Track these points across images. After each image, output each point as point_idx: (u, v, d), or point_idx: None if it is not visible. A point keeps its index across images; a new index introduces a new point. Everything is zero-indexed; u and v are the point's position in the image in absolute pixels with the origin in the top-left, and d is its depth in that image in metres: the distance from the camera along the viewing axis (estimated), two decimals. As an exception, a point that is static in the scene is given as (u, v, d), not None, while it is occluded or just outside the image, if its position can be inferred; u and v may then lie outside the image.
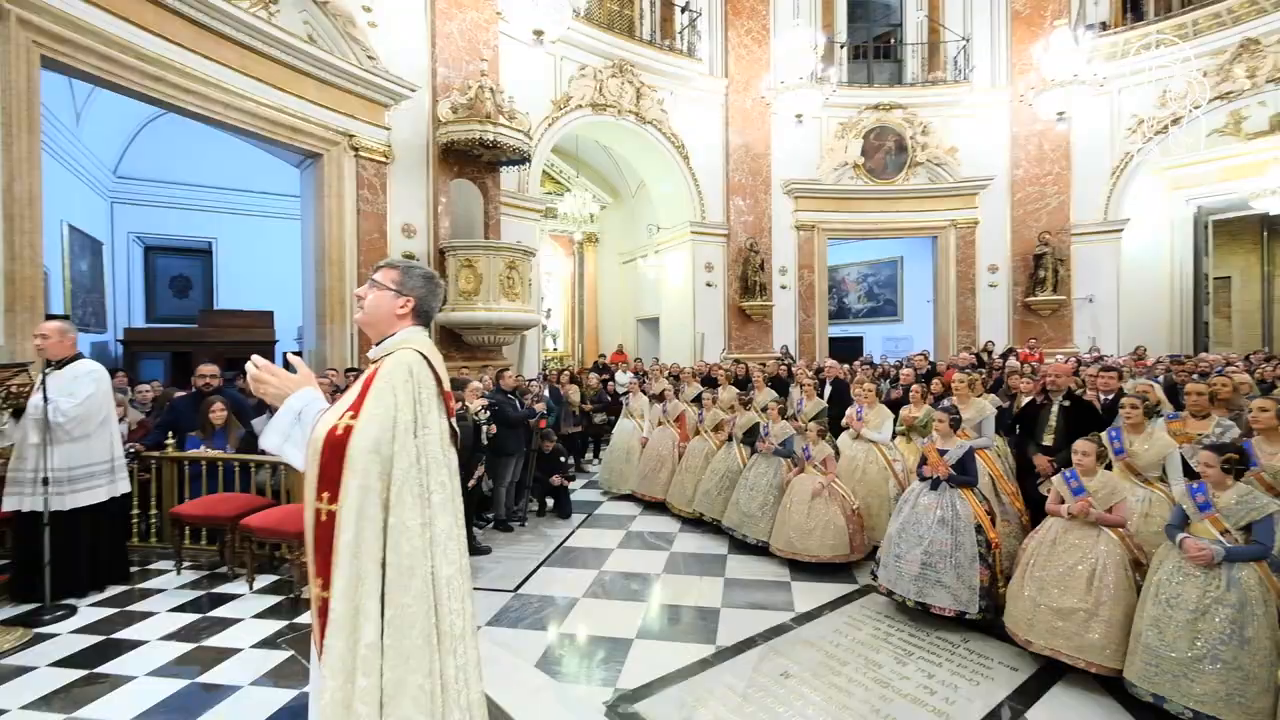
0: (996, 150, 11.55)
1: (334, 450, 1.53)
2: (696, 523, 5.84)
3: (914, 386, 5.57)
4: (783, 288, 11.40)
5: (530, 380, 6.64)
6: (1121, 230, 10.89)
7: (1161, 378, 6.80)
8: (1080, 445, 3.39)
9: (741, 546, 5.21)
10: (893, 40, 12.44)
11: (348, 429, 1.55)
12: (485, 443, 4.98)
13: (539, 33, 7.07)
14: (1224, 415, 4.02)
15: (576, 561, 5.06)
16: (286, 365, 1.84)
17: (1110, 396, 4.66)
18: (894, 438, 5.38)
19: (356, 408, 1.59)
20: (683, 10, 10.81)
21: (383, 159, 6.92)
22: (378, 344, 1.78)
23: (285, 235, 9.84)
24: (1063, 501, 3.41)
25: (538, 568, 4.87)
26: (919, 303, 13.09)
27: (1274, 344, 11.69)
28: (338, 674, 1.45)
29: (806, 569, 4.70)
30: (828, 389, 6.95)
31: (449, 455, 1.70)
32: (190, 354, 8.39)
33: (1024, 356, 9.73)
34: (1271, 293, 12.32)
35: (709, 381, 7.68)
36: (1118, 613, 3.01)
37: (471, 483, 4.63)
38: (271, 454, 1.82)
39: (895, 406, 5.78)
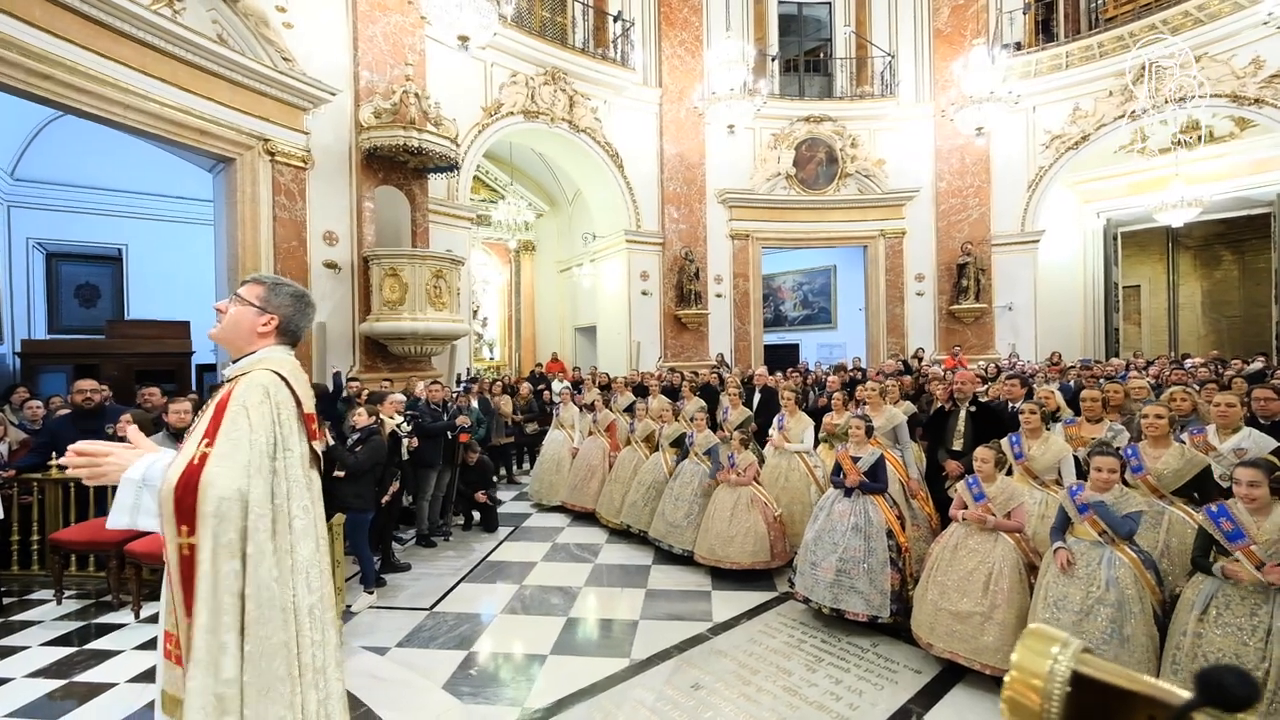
0: (922, 163, 12.09)
1: (189, 482, 1.45)
2: (625, 533, 5.82)
3: (835, 395, 5.72)
4: (718, 296, 11.57)
5: (455, 392, 6.48)
6: (1038, 241, 11.56)
7: (1072, 383, 7.20)
8: (980, 453, 3.52)
9: (667, 557, 5.22)
10: (823, 54, 12.88)
11: (203, 457, 1.47)
12: (406, 455, 4.83)
13: (464, 39, 6.96)
14: (1116, 420, 4.27)
15: (499, 576, 4.96)
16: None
17: (1018, 403, 4.90)
18: (817, 445, 5.50)
19: (211, 434, 1.51)
20: (615, 19, 10.88)
21: (301, 164, 6.65)
22: (234, 362, 1.69)
23: (203, 242, 9.32)
24: (965, 508, 3.56)
25: (457, 584, 4.75)
26: (852, 310, 13.54)
27: (1179, 348, 12.60)
28: (197, 713, 1.38)
29: (728, 577, 4.75)
30: (757, 396, 7.07)
31: (312, 479, 1.64)
32: (97, 367, 7.83)
33: (948, 363, 10.20)
34: (1177, 300, 13.31)
35: (641, 391, 7.70)
36: (1011, 615, 3.12)
37: (386, 497, 4.47)
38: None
39: (824, 413, 5.91)
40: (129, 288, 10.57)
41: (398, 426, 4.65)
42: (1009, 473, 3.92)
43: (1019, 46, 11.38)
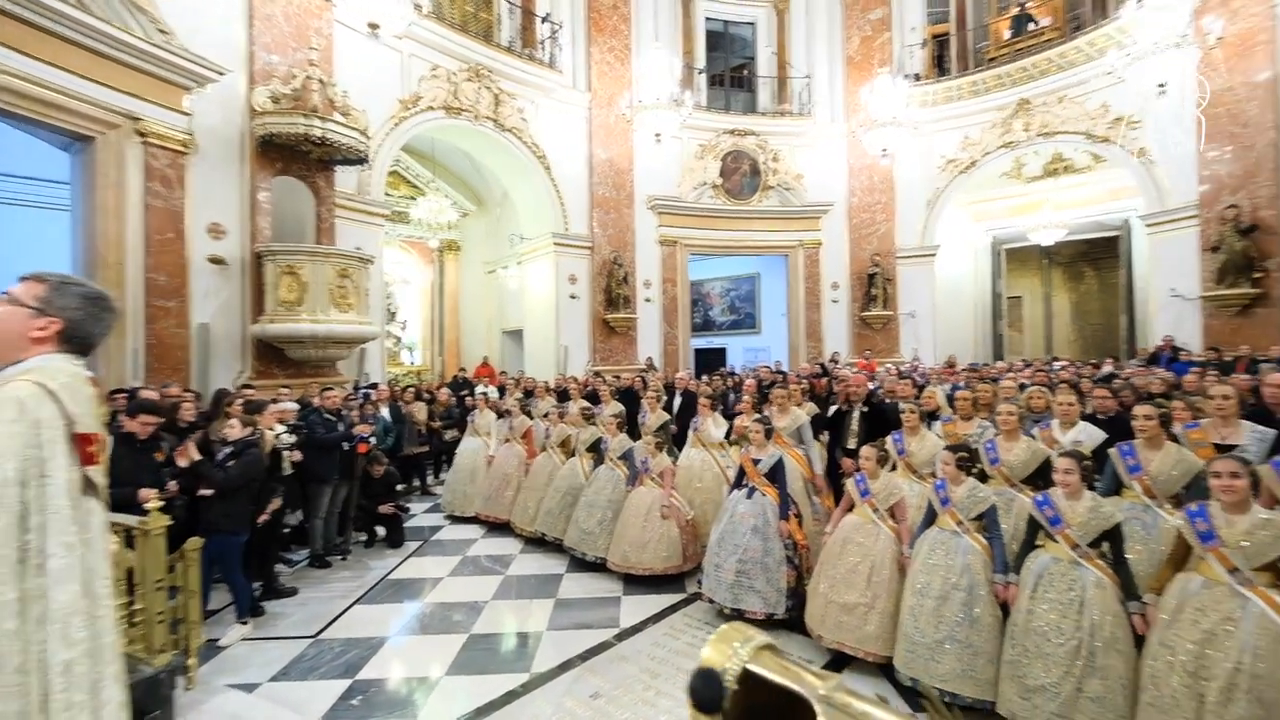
0: (836, 179, 12.73)
1: None
2: (540, 542, 5.67)
3: (745, 398, 5.84)
4: (647, 301, 11.63)
5: (355, 399, 6.08)
6: (935, 254, 12.45)
7: (963, 383, 7.74)
8: (864, 451, 3.69)
9: (580, 565, 5.12)
10: (747, 72, 13.31)
11: None
12: (290, 470, 4.44)
13: (374, 26, 6.63)
14: (985, 417, 4.59)
15: (400, 595, 4.68)
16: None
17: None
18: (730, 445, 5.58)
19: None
20: (544, 20, 10.75)
21: (180, 148, 6.03)
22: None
23: (57, 230, 8.29)
24: (852, 505, 3.70)
25: (350, 607, 4.42)
26: (775, 316, 14.01)
27: (1054, 352, 13.88)
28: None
29: (640, 582, 4.71)
30: (678, 400, 7.11)
31: (89, 510, 1.41)
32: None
33: (860, 365, 10.75)
34: (1051, 309, 14.69)
35: (563, 396, 7.56)
36: (890, 605, 3.29)
37: (264, 516, 4.09)
38: None
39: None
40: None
41: (278, 438, 4.26)
42: (894, 468, 4.13)
43: (918, 78, 12.23)
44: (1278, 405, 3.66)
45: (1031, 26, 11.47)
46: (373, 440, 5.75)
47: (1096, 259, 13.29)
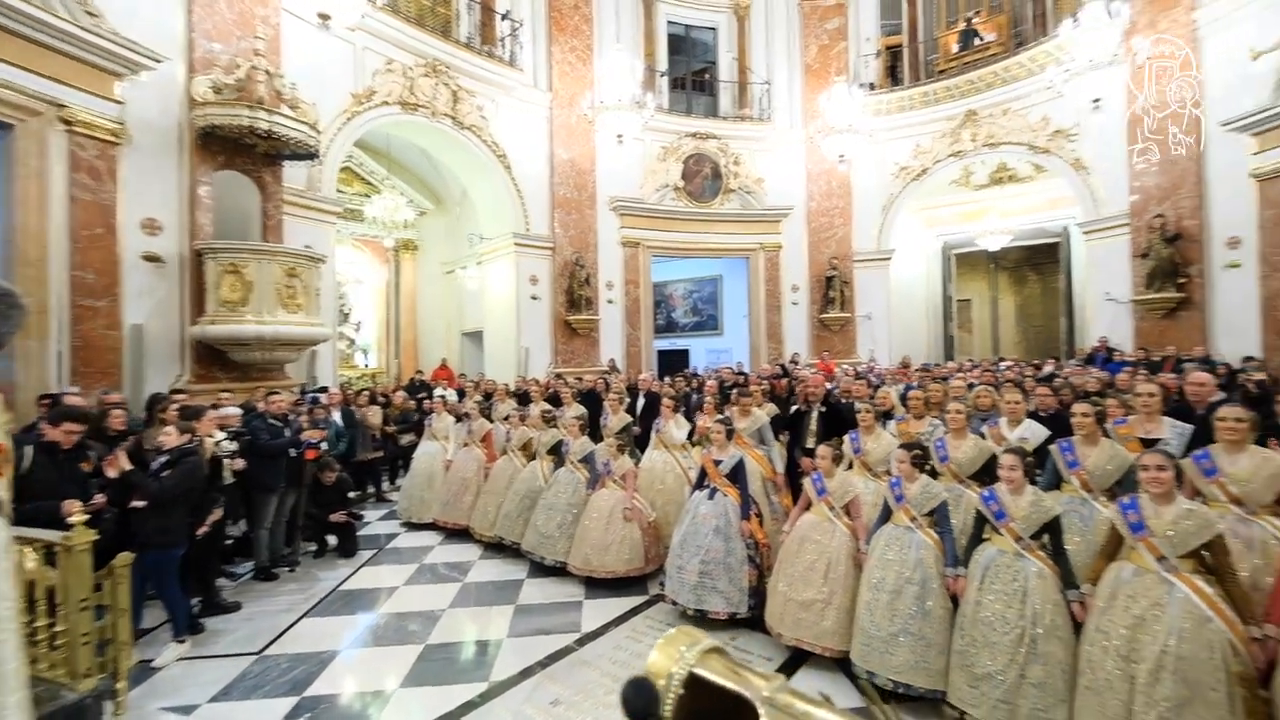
0: (795, 183, 12.98)
1: None
2: (499, 547, 5.57)
3: (708, 399, 5.88)
4: (609, 302, 11.59)
5: (304, 404, 5.83)
6: (890, 258, 12.84)
7: (917, 384, 7.99)
8: (820, 450, 3.76)
9: (541, 570, 5.05)
10: (709, 76, 13.44)
11: None
12: (231, 479, 4.22)
13: (325, 17, 6.41)
14: (936, 416, 4.75)
15: (351, 606, 4.51)
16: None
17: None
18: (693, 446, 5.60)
19: None
20: (504, 18, 10.59)
21: (111, 138, 5.66)
22: None
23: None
24: (810, 503, 3.76)
25: (298, 620, 4.24)
26: (737, 318, 14.19)
27: (1000, 352, 14.50)
28: None
29: (602, 585, 4.67)
30: (641, 401, 7.11)
31: None
32: None
33: (819, 366, 10.98)
34: (998, 312, 15.34)
35: (524, 399, 7.45)
36: (846, 600, 3.35)
37: (204, 528, 3.87)
38: None
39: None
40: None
41: (217, 445, 4.05)
42: (851, 467, 4.22)
43: (873, 87, 12.60)
44: (1198, 402, 3.91)
45: (977, 41, 11.97)
46: (323, 446, 5.54)
47: (1039, 264, 13.96)
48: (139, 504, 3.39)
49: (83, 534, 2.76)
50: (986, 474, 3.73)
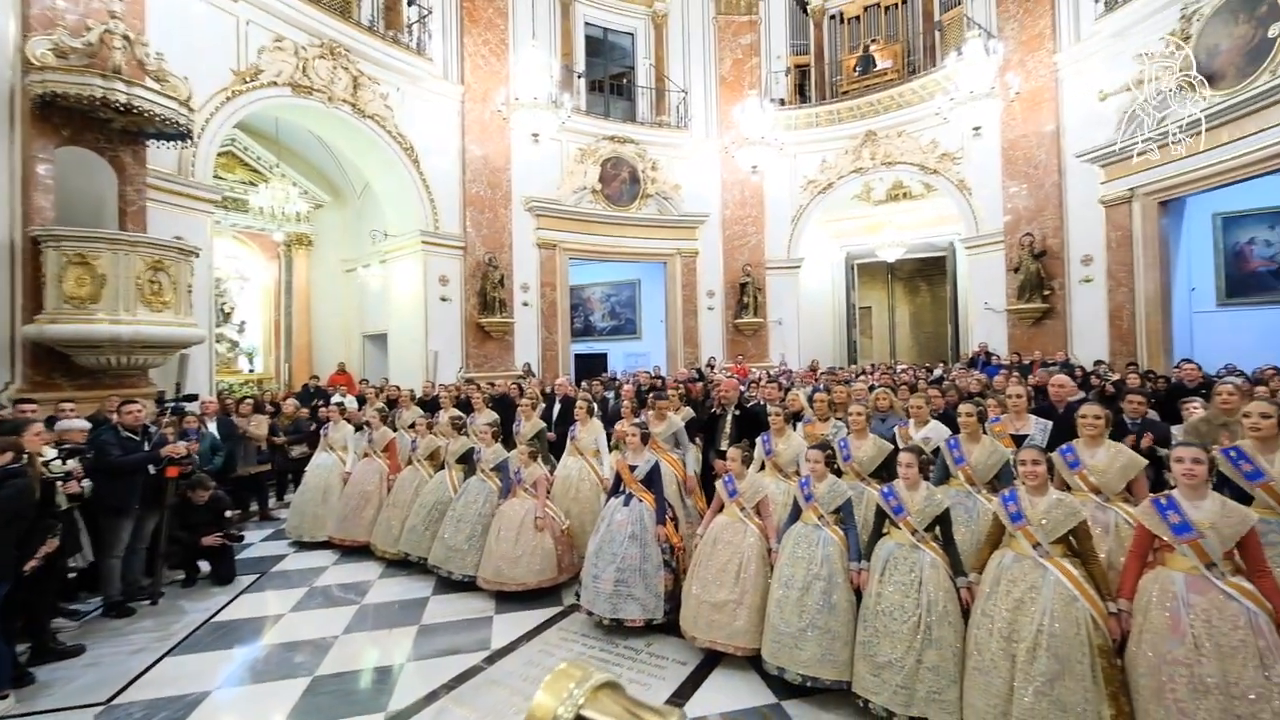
0: (711, 191, 13.30)
1: None
2: (403, 564, 5.21)
3: (625, 404, 5.83)
4: (525, 305, 11.28)
5: (161, 415, 5.16)
6: (799, 266, 13.47)
7: (822, 386, 8.37)
8: (730, 453, 3.80)
9: (448, 585, 4.77)
10: (627, 80, 13.50)
11: None
12: (65, 505, 3.61)
13: (199, -19, 5.73)
14: (840, 417, 4.96)
15: (226, 640, 4.01)
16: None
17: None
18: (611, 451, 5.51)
19: None
20: (410, 3, 10.05)
21: (-84, 100, 4.75)
22: None
23: None
24: (722, 506, 3.79)
25: (159, 660, 3.71)
26: (655, 322, 14.32)
27: (897, 355, 15.61)
28: None
29: (513, 599, 4.48)
30: (557, 407, 6.93)
31: None
32: None
33: (734, 370, 11.26)
34: (895, 319, 16.53)
35: (432, 405, 7.05)
36: (758, 599, 3.39)
37: (33, 562, 3.28)
38: None
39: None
40: None
41: (48, 466, 3.45)
42: (763, 468, 4.31)
43: (783, 102, 13.20)
44: (1059, 401, 4.37)
45: (875, 67, 12.85)
46: (195, 459, 4.93)
47: (930, 275, 15.19)
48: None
49: None
50: (885, 471, 3.93)
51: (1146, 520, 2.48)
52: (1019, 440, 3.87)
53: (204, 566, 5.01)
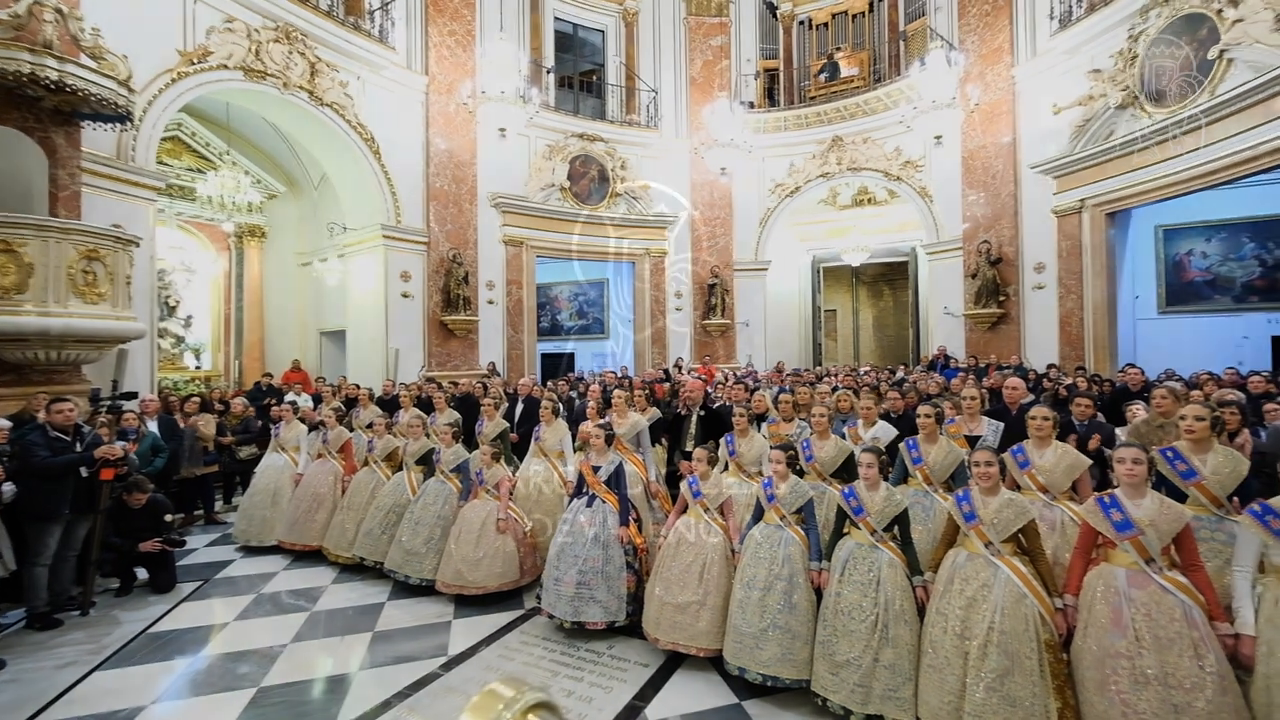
0: (680, 192, 13.30)
1: None
2: (358, 569, 5.03)
3: (590, 404, 5.76)
4: (490, 303, 11.08)
5: (96, 414, 4.86)
6: (766, 269, 13.62)
7: (788, 388, 8.46)
8: (696, 453, 3.78)
9: (405, 589, 4.63)
10: (597, 78, 13.41)
11: None
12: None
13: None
14: (804, 418, 5.01)
15: (164, 651, 3.79)
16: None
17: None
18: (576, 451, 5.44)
19: None
20: (372, -12, 9.77)
21: None
22: None
23: None
24: (685, 507, 3.77)
25: (88, 674, 3.48)
26: (623, 322, 14.26)
27: (861, 358, 15.96)
28: None
29: (473, 603, 4.37)
30: (520, 407, 6.82)
31: None
32: None
33: (701, 371, 11.30)
34: (859, 322, 16.89)
35: (392, 405, 6.85)
36: (720, 600, 3.38)
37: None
38: None
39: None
40: None
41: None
42: (727, 468, 4.31)
43: (752, 105, 13.32)
44: (1013, 404, 4.50)
45: (840, 75, 13.08)
46: (133, 460, 4.66)
47: (892, 280, 15.57)
48: None
49: None
50: (846, 471, 3.98)
51: (1091, 518, 2.57)
52: (973, 441, 3.98)
53: (142, 574, 4.74)
